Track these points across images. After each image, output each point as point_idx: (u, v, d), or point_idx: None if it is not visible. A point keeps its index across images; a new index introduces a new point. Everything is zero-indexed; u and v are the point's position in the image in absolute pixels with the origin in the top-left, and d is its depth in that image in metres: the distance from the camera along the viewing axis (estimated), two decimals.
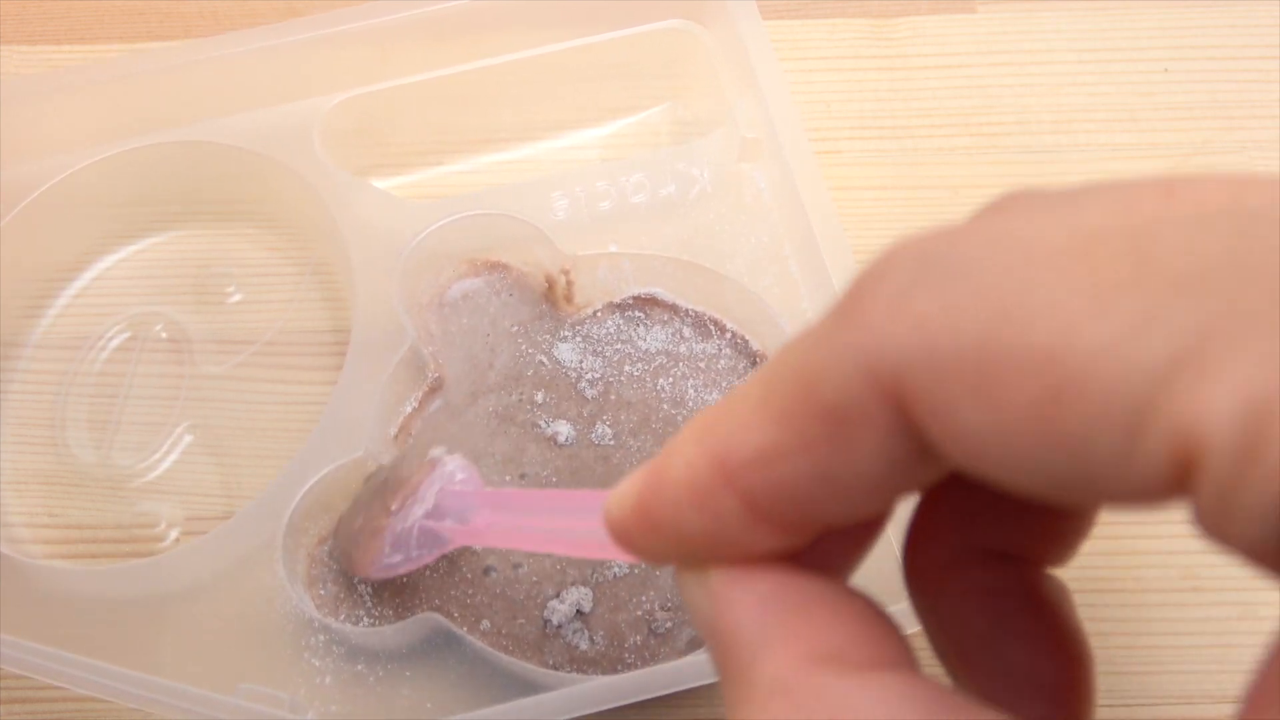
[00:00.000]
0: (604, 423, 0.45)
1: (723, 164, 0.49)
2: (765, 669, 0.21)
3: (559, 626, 0.42)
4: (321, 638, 0.42)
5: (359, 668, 0.42)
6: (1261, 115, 0.55)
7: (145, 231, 0.52)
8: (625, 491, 0.23)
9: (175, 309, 0.50)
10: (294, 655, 0.42)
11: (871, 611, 0.22)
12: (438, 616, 0.41)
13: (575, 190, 0.49)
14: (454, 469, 0.39)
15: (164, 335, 0.50)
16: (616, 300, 0.48)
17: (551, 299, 0.48)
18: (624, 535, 0.23)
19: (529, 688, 0.40)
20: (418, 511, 0.39)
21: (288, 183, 0.49)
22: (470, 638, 0.41)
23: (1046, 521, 0.26)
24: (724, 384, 0.46)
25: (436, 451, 0.40)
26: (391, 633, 0.41)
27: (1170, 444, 0.16)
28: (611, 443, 0.45)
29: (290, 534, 0.42)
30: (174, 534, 0.46)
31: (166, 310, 0.50)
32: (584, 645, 0.41)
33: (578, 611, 0.42)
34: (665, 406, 0.46)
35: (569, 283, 0.48)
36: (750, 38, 0.48)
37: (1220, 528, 0.16)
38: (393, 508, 0.40)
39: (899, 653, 0.21)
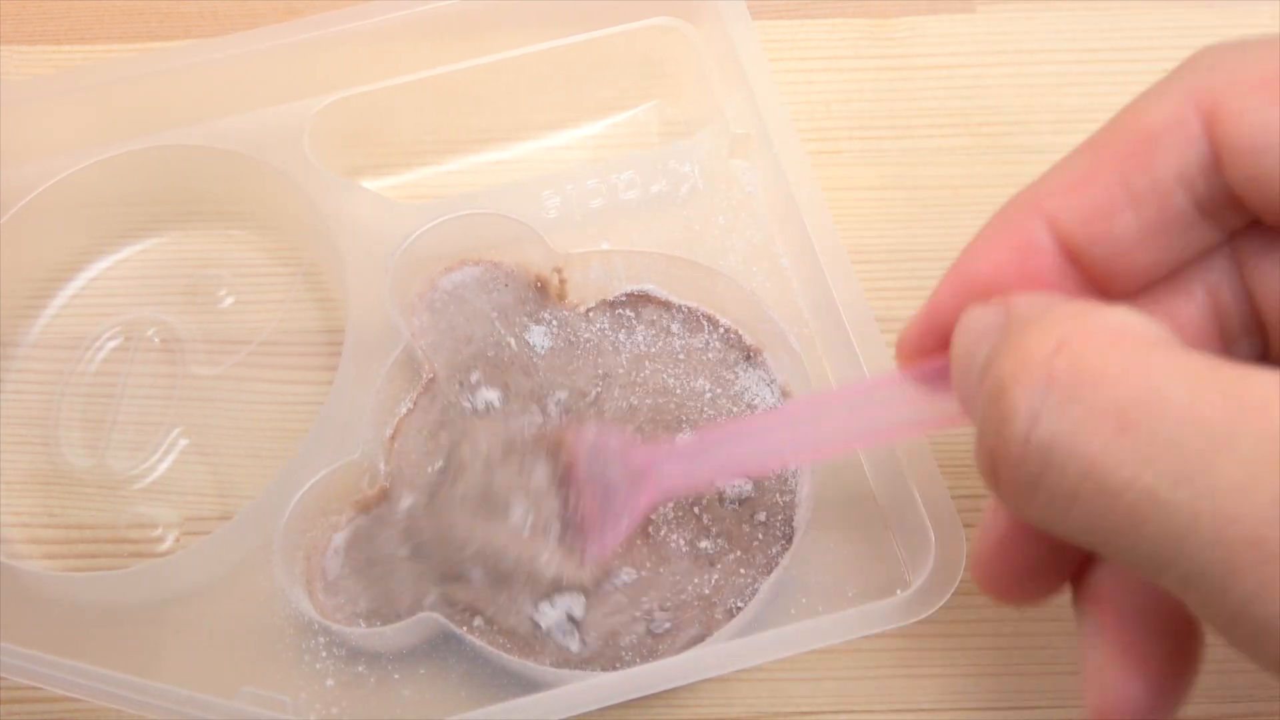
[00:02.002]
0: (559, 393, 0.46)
1: (713, 160, 0.50)
2: (1055, 309, 0.24)
3: (548, 630, 0.41)
4: (322, 640, 0.42)
5: (360, 669, 0.42)
6: None
7: (136, 235, 0.52)
8: (936, 298, 0.30)
9: (168, 312, 0.50)
10: (295, 658, 0.42)
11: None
12: (437, 617, 0.41)
13: (566, 189, 0.49)
14: (593, 433, 0.40)
15: (157, 339, 0.50)
16: (609, 298, 0.48)
17: (545, 297, 0.48)
18: (934, 316, 0.29)
19: (531, 686, 0.40)
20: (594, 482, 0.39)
21: (278, 185, 0.49)
22: (470, 637, 0.41)
23: None
24: (714, 375, 0.46)
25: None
26: (392, 634, 0.41)
27: None
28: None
29: (288, 536, 0.42)
30: (171, 537, 0.46)
31: (159, 313, 0.50)
32: (575, 648, 0.41)
33: (568, 617, 0.42)
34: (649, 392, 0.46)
35: (562, 281, 0.48)
36: (738, 34, 0.49)
37: None
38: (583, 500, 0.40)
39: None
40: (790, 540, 0.42)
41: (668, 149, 0.50)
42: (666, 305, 0.48)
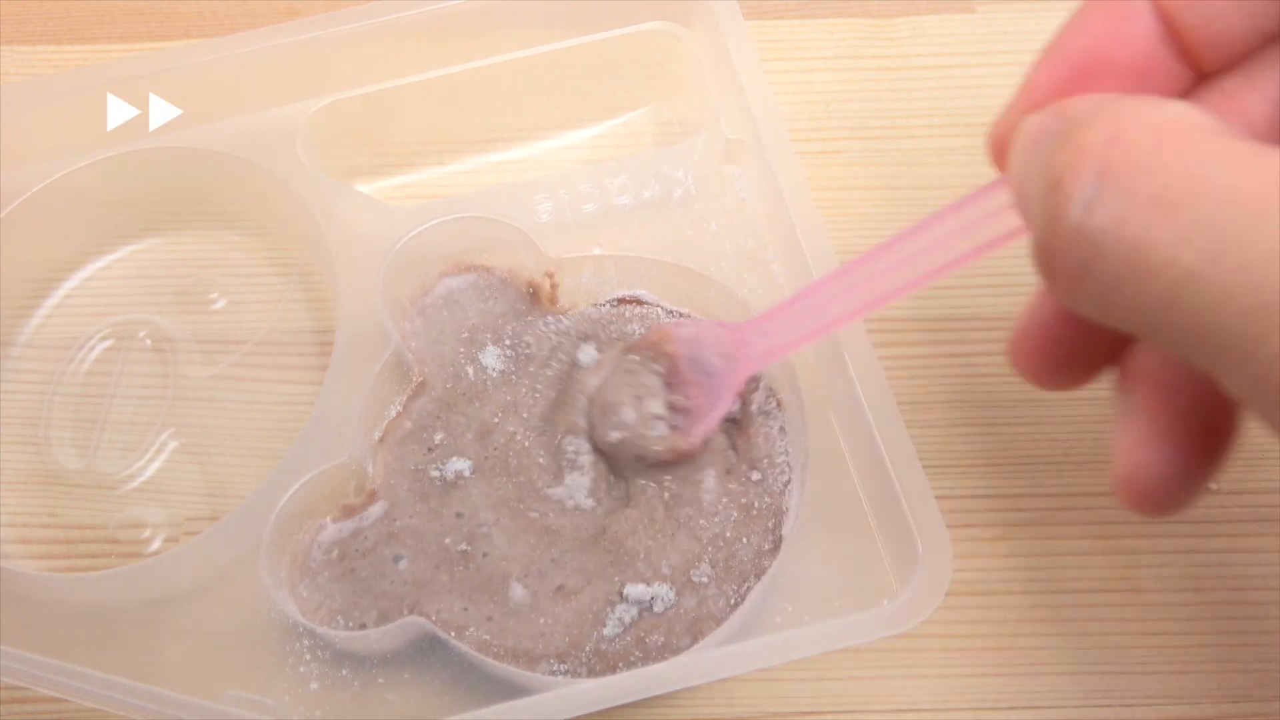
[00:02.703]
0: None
1: (706, 166, 0.50)
2: (1113, 102, 0.24)
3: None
4: (306, 643, 0.42)
5: (344, 673, 0.42)
6: None
7: (129, 237, 0.52)
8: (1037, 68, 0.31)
9: (160, 313, 0.51)
10: (279, 661, 0.42)
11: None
12: (422, 621, 0.41)
13: (559, 193, 0.49)
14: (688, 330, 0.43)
15: (148, 341, 0.50)
16: (600, 302, 0.48)
17: (536, 301, 0.48)
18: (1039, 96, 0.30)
19: (516, 691, 0.40)
20: (708, 353, 0.42)
21: (271, 188, 0.49)
22: (455, 642, 0.41)
23: None
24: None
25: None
26: (376, 637, 0.41)
27: None
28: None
29: (274, 539, 0.42)
30: (160, 539, 0.47)
31: (151, 315, 0.50)
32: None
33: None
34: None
35: (553, 286, 0.48)
36: (733, 39, 0.48)
37: None
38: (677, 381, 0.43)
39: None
40: (778, 547, 0.42)
41: (661, 154, 0.50)
42: (658, 310, 0.48)
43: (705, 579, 0.42)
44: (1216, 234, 0.21)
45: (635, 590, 0.42)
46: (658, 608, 0.41)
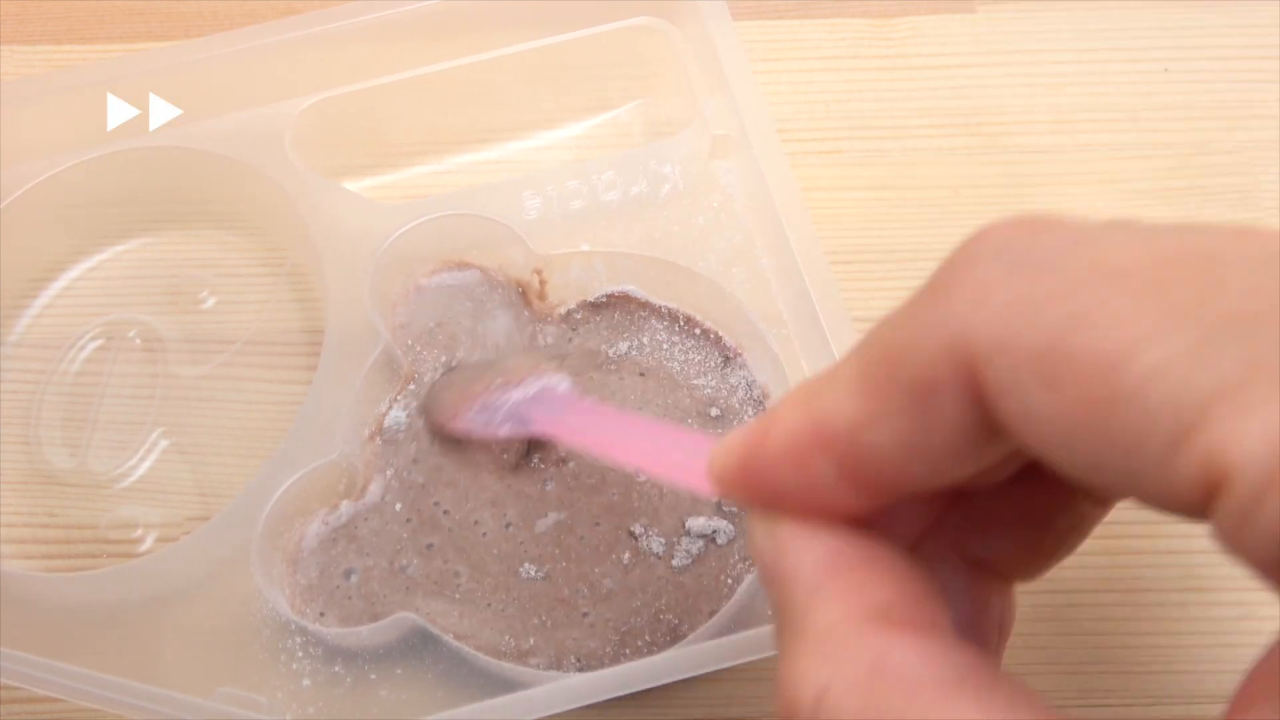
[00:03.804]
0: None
1: (694, 162, 0.49)
2: (817, 617, 0.23)
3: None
4: (298, 640, 0.42)
5: (336, 669, 0.42)
6: (1261, 115, 0.55)
7: (118, 236, 0.52)
8: (730, 445, 0.26)
9: (150, 313, 0.51)
10: (271, 658, 0.42)
11: (922, 578, 0.24)
12: (414, 616, 0.41)
13: (547, 189, 0.49)
14: (559, 381, 0.42)
15: (139, 340, 0.50)
16: (589, 299, 0.48)
17: (525, 298, 0.48)
18: (724, 481, 0.26)
19: (507, 686, 0.40)
20: (515, 395, 0.42)
21: (259, 186, 0.49)
22: (447, 638, 0.41)
23: (1032, 539, 0.28)
24: (693, 377, 0.46)
25: (549, 364, 0.43)
26: (368, 633, 0.41)
27: (1203, 464, 0.18)
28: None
29: (266, 537, 0.42)
30: (151, 538, 0.47)
31: (141, 314, 0.50)
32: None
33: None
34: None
35: (542, 282, 0.48)
36: (718, 35, 0.48)
37: (1237, 544, 0.19)
38: (494, 384, 0.42)
39: (942, 619, 0.23)
40: None
41: (648, 150, 0.49)
42: (646, 306, 0.48)
43: (695, 573, 0.42)
44: None
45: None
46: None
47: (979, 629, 0.28)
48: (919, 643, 0.22)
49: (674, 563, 0.42)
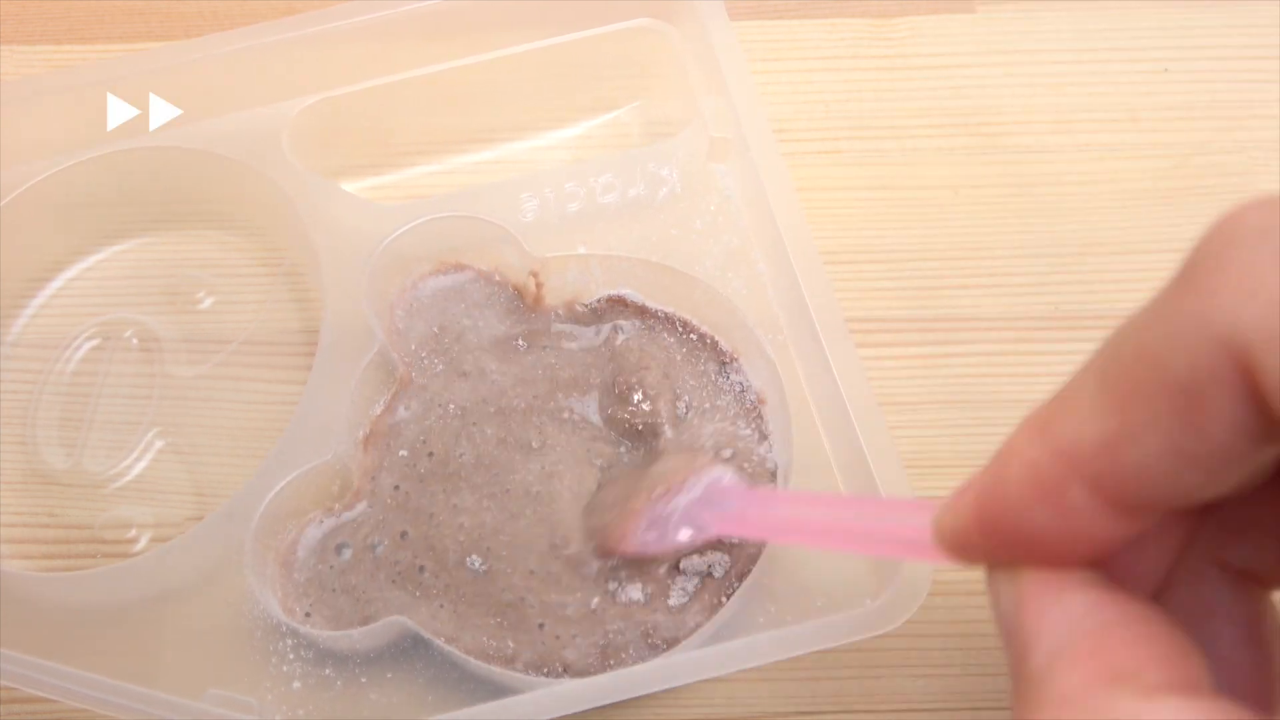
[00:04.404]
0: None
1: (691, 164, 0.49)
2: (1057, 681, 0.22)
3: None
4: (290, 642, 0.42)
5: (327, 672, 0.42)
6: (1261, 115, 0.55)
7: (116, 236, 0.52)
8: (959, 502, 0.24)
9: (146, 314, 0.50)
10: (262, 660, 0.42)
11: (1174, 634, 0.22)
12: (405, 620, 0.41)
13: (544, 191, 0.49)
14: (722, 473, 0.40)
15: (135, 341, 0.50)
16: (585, 301, 0.48)
17: (521, 301, 0.48)
18: (959, 543, 0.24)
19: (497, 691, 0.40)
20: (682, 500, 0.40)
21: (257, 186, 0.49)
22: (438, 642, 0.41)
23: None
24: (689, 381, 0.46)
25: (704, 457, 0.42)
26: (360, 636, 0.41)
27: None
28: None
29: (259, 538, 0.42)
30: (146, 538, 0.47)
31: (138, 314, 0.50)
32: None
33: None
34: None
35: (538, 285, 0.48)
36: (716, 36, 0.48)
37: None
38: (655, 495, 0.40)
39: (1197, 676, 0.22)
40: (760, 548, 0.42)
41: (646, 152, 0.49)
42: (642, 310, 0.48)
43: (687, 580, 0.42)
44: None
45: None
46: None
47: (1256, 639, 0.26)
48: (1172, 704, 0.21)
49: (669, 602, 0.42)
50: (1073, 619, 0.23)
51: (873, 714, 0.44)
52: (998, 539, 0.24)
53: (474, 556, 0.42)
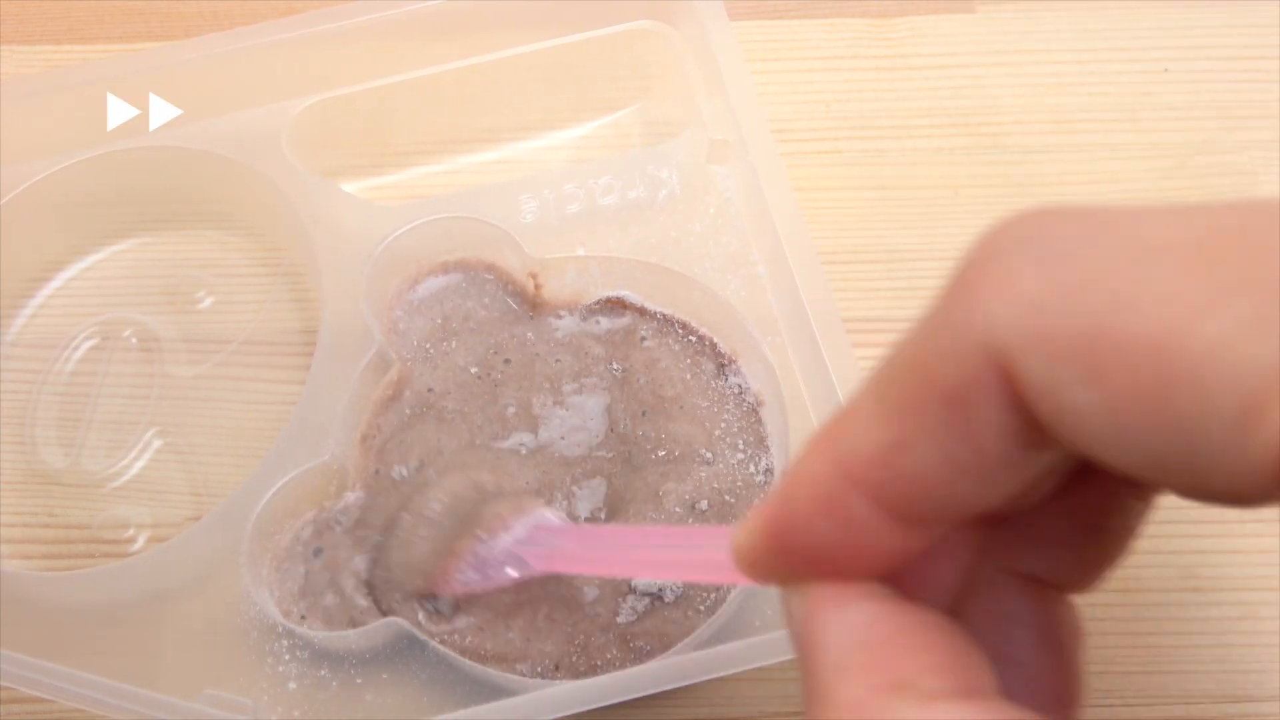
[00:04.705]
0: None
1: (691, 166, 0.49)
2: (842, 691, 0.22)
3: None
4: (285, 643, 0.42)
5: (322, 673, 0.42)
6: (1261, 115, 0.55)
7: (115, 236, 0.52)
8: (753, 519, 0.24)
9: (146, 313, 0.51)
10: (258, 660, 0.42)
11: (957, 642, 0.22)
12: (401, 621, 0.41)
13: (544, 193, 0.49)
14: (547, 515, 0.41)
15: (134, 340, 0.50)
16: (584, 303, 0.48)
17: (520, 302, 0.48)
18: (752, 560, 0.24)
19: (494, 693, 0.40)
20: (505, 540, 0.40)
21: (256, 187, 0.49)
22: (434, 643, 0.41)
23: (1082, 548, 0.26)
24: (688, 384, 0.46)
25: (530, 500, 0.41)
26: (355, 637, 0.41)
27: (1279, 444, 0.17)
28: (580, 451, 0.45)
29: (255, 538, 0.42)
30: (143, 538, 0.47)
31: (137, 314, 0.50)
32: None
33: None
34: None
35: (537, 286, 0.48)
36: (716, 38, 0.48)
37: None
38: (480, 534, 0.40)
39: (979, 681, 0.22)
40: None
41: (645, 154, 0.49)
42: (641, 312, 0.47)
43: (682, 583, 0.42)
44: None
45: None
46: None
47: (1053, 643, 0.26)
48: (949, 709, 0.21)
49: (618, 619, 0.42)
50: (856, 631, 0.23)
51: None
52: (786, 555, 0.24)
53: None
